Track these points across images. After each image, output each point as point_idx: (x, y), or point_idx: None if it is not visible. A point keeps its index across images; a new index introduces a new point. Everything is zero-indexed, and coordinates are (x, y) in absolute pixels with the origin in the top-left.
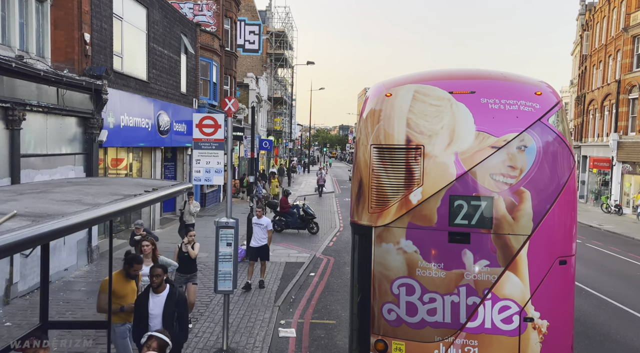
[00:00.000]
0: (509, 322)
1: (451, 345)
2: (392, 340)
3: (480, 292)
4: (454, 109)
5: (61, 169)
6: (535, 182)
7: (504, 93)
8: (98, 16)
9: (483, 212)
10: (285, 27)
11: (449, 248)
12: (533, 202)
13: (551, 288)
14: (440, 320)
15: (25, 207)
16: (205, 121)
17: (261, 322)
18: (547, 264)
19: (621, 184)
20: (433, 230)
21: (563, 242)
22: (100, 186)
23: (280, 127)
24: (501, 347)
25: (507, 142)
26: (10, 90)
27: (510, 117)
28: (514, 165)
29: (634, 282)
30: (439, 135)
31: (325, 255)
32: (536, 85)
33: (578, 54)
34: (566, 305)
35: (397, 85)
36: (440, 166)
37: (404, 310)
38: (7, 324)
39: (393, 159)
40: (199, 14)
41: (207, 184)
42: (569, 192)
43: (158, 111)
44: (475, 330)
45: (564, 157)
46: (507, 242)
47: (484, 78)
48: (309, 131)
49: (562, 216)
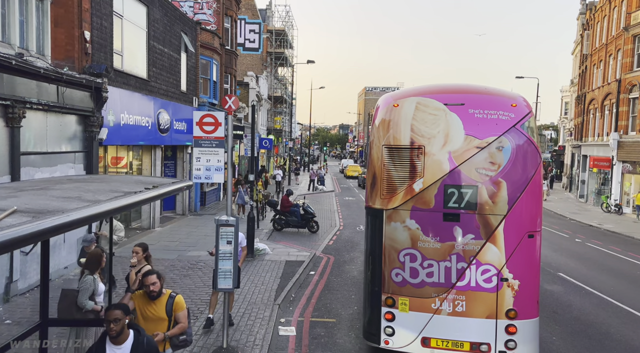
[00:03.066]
0: (489, 282)
1: (444, 300)
2: (399, 297)
3: (467, 259)
4: (447, 117)
5: (61, 167)
6: (509, 174)
7: (486, 105)
8: (98, 14)
9: (470, 198)
10: (285, 26)
11: (443, 225)
12: (508, 190)
13: (521, 255)
14: (436, 281)
15: (25, 203)
16: (206, 119)
17: (261, 320)
18: (519, 237)
19: (621, 184)
20: (431, 212)
21: (531, 220)
22: (101, 183)
23: (280, 126)
24: (483, 301)
25: (488, 144)
26: (10, 88)
27: (491, 124)
28: (493, 162)
29: (634, 281)
30: (436, 138)
31: (325, 254)
32: (513, 98)
33: (578, 53)
34: (533, 269)
35: (403, 98)
36: (437, 162)
37: (408, 273)
38: (7, 322)
39: (400, 157)
40: (199, 12)
41: (207, 182)
42: (535, 182)
43: (158, 109)
44: (463, 288)
45: (532, 156)
46: (488, 220)
47: (471, 92)
48: (309, 130)
49: (530, 201)
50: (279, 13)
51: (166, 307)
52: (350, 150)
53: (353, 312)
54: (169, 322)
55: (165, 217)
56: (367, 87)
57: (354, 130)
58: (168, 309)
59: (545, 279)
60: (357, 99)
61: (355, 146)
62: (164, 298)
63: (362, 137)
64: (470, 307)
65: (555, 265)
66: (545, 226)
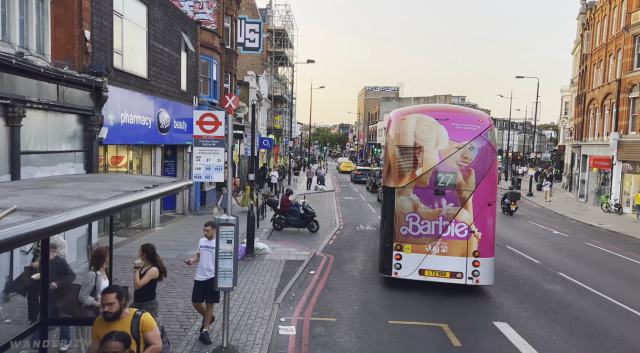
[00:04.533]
0: (463, 233)
1: (434, 245)
2: (404, 244)
3: (449, 219)
4: (437, 128)
5: (61, 166)
6: (476, 165)
7: (463, 120)
8: (98, 13)
9: (451, 180)
10: (285, 26)
11: (434, 197)
12: (475, 175)
13: (483, 217)
14: (429, 233)
15: (25, 202)
16: (206, 118)
17: (261, 320)
18: (482, 205)
19: (621, 183)
20: (426, 189)
21: (490, 194)
22: (101, 182)
23: (281, 126)
24: (458, 246)
25: (464, 145)
26: (11, 87)
27: (465, 132)
28: (466, 157)
29: (634, 280)
30: (430, 141)
31: (325, 254)
32: (480, 115)
33: (579, 53)
34: (491, 225)
35: (408, 114)
36: (431, 157)
37: (411, 229)
38: (6, 321)
39: (407, 153)
40: (200, 11)
41: (208, 182)
42: (493, 171)
43: (158, 109)
44: (446, 237)
45: (491, 154)
46: (463, 194)
47: (453, 111)
48: (309, 130)
49: (489, 182)
50: (279, 12)
51: (131, 328)
52: (350, 150)
53: (353, 311)
54: (137, 346)
55: (165, 217)
56: (367, 87)
57: (354, 129)
58: (134, 330)
59: (545, 279)
60: (357, 99)
61: (355, 146)
62: (127, 319)
63: (362, 137)
64: (450, 249)
65: (555, 264)
66: (546, 226)
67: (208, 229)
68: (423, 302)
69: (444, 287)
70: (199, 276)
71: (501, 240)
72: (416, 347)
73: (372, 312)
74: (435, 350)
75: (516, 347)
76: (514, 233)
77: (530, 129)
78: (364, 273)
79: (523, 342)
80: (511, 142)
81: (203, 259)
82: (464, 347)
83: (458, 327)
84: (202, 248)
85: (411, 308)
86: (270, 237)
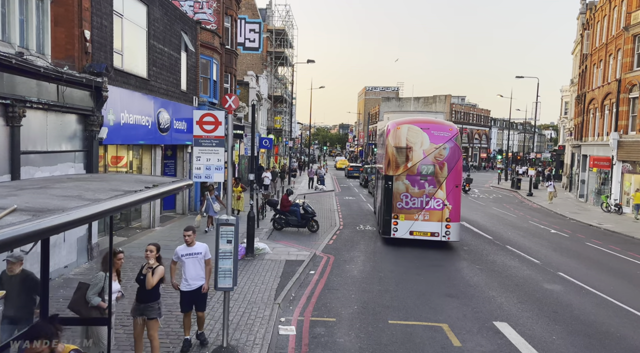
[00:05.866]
0: (439, 206)
1: (420, 214)
2: (399, 214)
3: (430, 196)
4: (422, 134)
5: (61, 166)
6: (448, 160)
7: (439, 129)
8: (98, 13)
9: (431, 170)
10: (285, 25)
11: (420, 182)
12: (447, 167)
13: (452, 195)
14: (416, 206)
15: (25, 202)
16: (206, 118)
17: (261, 320)
18: (452, 187)
19: (621, 183)
20: (415, 176)
21: (457, 180)
22: (101, 182)
23: (280, 126)
24: (436, 214)
25: (439, 146)
26: (11, 87)
27: (441, 137)
28: (441, 154)
29: (633, 280)
30: (417, 144)
31: (325, 254)
32: (450, 125)
33: (578, 52)
34: (458, 201)
35: (402, 124)
36: (417, 154)
37: (404, 203)
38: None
39: (401, 151)
40: (200, 11)
41: (207, 182)
42: (459, 164)
43: (158, 109)
44: (428, 209)
45: (458, 152)
46: (439, 179)
47: (433, 122)
48: (309, 130)
49: (456, 172)
50: (279, 12)
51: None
52: (350, 150)
53: (353, 311)
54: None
55: (165, 216)
56: (367, 87)
57: (354, 129)
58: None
59: (545, 278)
60: (357, 99)
61: (355, 146)
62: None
63: (362, 137)
64: (431, 217)
65: (555, 264)
66: (545, 226)
67: (189, 234)
68: (422, 300)
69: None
70: (184, 286)
71: (501, 240)
72: (416, 347)
73: (373, 312)
74: (435, 350)
75: (516, 347)
76: (514, 233)
77: (530, 129)
78: (364, 273)
79: (523, 342)
80: (511, 142)
81: (187, 268)
82: (464, 346)
83: (458, 326)
84: (184, 257)
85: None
86: (270, 237)
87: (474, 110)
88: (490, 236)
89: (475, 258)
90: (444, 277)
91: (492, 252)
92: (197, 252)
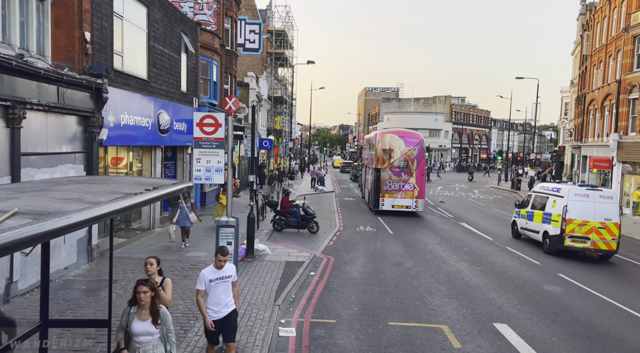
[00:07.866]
0: (411, 188)
1: (398, 193)
2: (385, 194)
3: (406, 181)
4: (400, 140)
5: (61, 168)
6: (417, 157)
7: (411, 136)
8: (98, 15)
9: (406, 164)
10: (285, 26)
11: (398, 173)
12: (416, 162)
13: (420, 180)
14: (396, 188)
15: (26, 205)
16: (206, 120)
17: (261, 321)
18: (419, 176)
19: (621, 184)
20: (395, 168)
21: (422, 171)
22: (101, 185)
23: (281, 127)
24: (409, 193)
25: (411, 148)
26: (11, 89)
27: (412, 142)
28: (412, 153)
29: (634, 282)
30: (396, 146)
31: (325, 255)
32: (418, 134)
33: (578, 54)
34: (423, 184)
35: (386, 133)
36: (397, 153)
37: (388, 186)
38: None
39: (385, 152)
40: (200, 12)
41: (208, 183)
42: (423, 161)
43: (158, 110)
44: (404, 190)
45: (423, 153)
46: (411, 171)
47: (407, 132)
48: (309, 130)
49: (422, 166)
50: (279, 13)
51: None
52: (350, 151)
53: (353, 312)
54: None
55: (165, 218)
56: (367, 88)
57: (354, 130)
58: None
59: (545, 280)
60: (357, 99)
61: (355, 146)
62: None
63: (362, 137)
64: (406, 196)
65: (555, 266)
66: None
67: (224, 259)
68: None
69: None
70: (212, 313)
71: (501, 242)
72: (416, 349)
73: (373, 314)
74: (435, 352)
75: (516, 349)
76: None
77: (530, 130)
78: (364, 275)
79: (523, 344)
80: (511, 142)
81: (216, 294)
82: (464, 348)
83: (458, 328)
84: (214, 282)
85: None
86: (270, 238)
87: (474, 111)
88: (491, 237)
89: (475, 260)
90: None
91: (492, 253)
92: (228, 274)
